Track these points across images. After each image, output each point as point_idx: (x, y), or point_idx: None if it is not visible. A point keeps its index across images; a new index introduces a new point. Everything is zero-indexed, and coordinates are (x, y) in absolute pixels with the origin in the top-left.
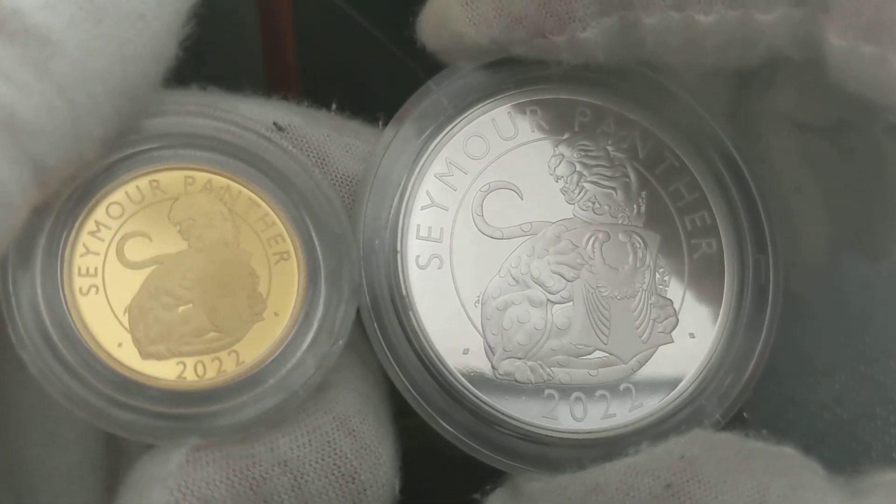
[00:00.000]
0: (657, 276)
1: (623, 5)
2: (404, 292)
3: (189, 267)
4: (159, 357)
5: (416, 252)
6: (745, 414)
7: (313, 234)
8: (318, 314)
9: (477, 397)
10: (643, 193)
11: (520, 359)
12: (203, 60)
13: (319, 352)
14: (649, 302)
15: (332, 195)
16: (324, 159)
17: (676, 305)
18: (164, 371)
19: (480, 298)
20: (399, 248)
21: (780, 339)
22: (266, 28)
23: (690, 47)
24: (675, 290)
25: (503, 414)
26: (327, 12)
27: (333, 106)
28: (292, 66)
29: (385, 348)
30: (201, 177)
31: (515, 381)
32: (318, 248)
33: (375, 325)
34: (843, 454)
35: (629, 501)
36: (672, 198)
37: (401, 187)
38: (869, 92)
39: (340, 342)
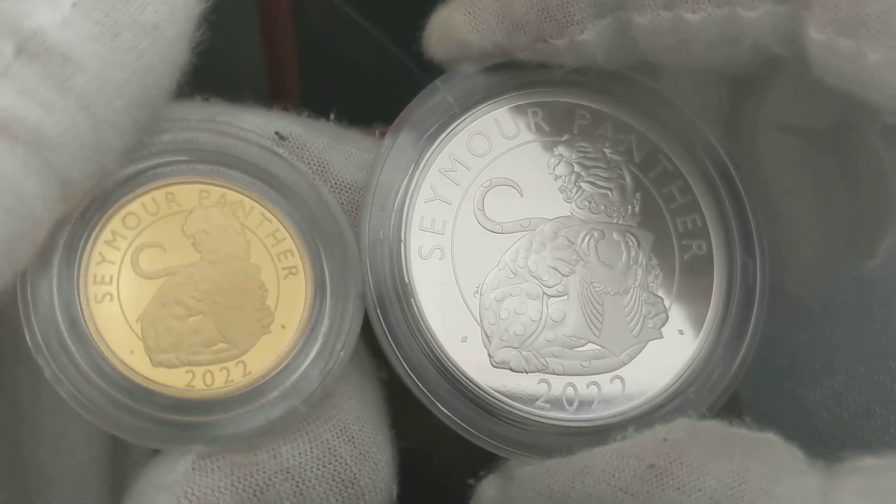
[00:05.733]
0: (649, 274)
1: (616, 6)
2: (407, 281)
3: (201, 279)
4: (169, 365)
5: (419, 243)
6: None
7: (321, 251)
8: (324, 328)
9: (474, 384)
10: (637, 195)
11: (515, 348)
12: (203, 64)
13: (323, 365)
14: (641, 298)
15: (339, 212)
16: (324, 167)
17: (667, 303)
18: (174, 379)
19: (479, 289)
20: (403, 237)
21: (781, 339)
22: (266, 30)
23: (681, 46)
24: (666, 289)
25: (498, 401)
26: (327, 13)
27: (332, 115)
28: (292, 67)
29: (387, 334)
30: (216, 191)
31: (510, 369)
32: (325, 265)
33: (378, 311)
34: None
35: (614, 482)
36: (665, 200)
37: (406, 180)
38: (849, 86)
39: (344, 356)
